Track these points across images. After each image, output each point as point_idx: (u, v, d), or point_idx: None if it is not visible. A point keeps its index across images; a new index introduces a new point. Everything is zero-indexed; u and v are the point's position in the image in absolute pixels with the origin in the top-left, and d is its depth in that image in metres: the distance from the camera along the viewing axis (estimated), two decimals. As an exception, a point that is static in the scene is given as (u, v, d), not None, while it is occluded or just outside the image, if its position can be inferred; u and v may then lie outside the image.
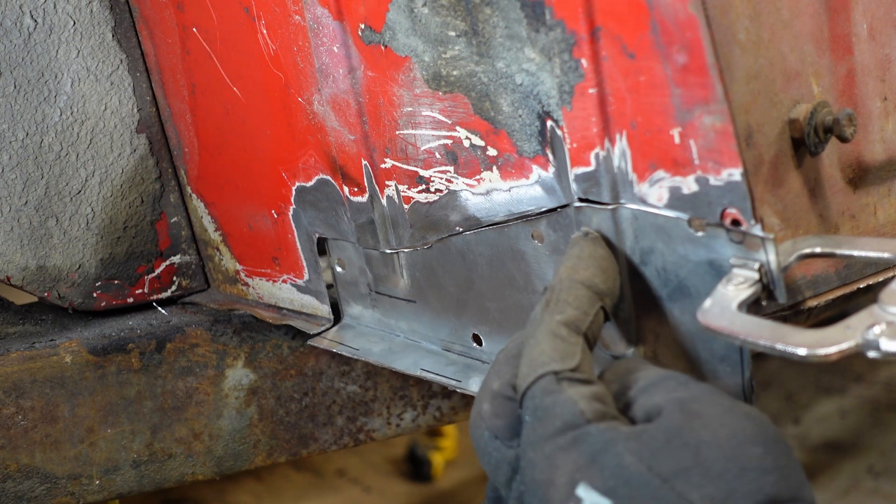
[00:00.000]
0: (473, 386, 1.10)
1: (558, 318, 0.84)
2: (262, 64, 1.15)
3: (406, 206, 1.08)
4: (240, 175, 1.26)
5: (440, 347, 1.14)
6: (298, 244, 1.23)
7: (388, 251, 1.13)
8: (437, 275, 1.09)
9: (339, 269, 1.21)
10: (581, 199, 0.92)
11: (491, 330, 1.08)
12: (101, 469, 1.29)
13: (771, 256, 0.82)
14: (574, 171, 0.92)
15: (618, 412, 0.82)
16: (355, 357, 1.20)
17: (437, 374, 1.13)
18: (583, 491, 0.75)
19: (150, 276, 1.36)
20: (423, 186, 1.06)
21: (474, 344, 1.10)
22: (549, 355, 0.82)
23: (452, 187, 1.03)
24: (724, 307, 0.82)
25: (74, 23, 1.27)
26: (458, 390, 1.10)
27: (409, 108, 1.03)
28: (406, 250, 1.11)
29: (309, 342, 1.26)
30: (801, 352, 0.76)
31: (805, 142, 0.91)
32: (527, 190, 0.97)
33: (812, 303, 0.93)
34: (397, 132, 1.05)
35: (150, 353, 1.30)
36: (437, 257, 1.09)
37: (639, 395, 0.82)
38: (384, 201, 1.10)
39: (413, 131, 1.04)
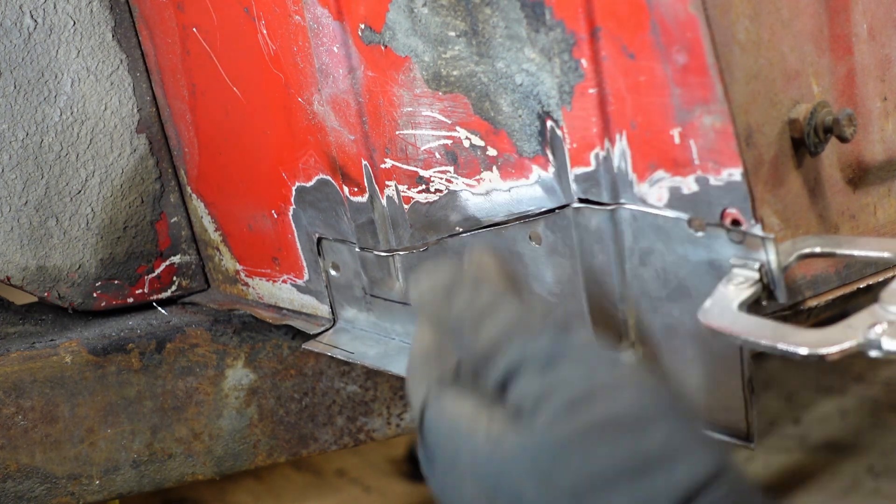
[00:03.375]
0: None
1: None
2: (262, 64, 1.15)
3: (406, 207, 1.08)
4: (240, 175, 1.26)
5: None
6: (298, 244, 1.23)
7: (384, 254, 1.13)
8: None
9: (333, 272, 1.21)
10: (581, 200, 0.92)
11: None
12: (101, 469, 1.29)
13: (771, 256, 0.82)
14: (574, 172, 0.92)
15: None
16: (351, 361, 1.20)
17: None
18: None
19: (150, 276, 1.36)
20: (423, 186, 1.06)
21: None
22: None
23: (452, 187, 1.03)
24: (725, 307, 0.82)
25: (74, 23, 1.27)
26: (457, 391, 1.10)
27: (409, 108, 1.03)
28: (402, 253, 1.11)
29: (304, 346, 1.26)
30: (803, 351, 0.76)
31: (805, 142, 0.91)
32: (527, 190, 0.97)
33: (812, 303, 0.93)
34: (397, 132, 1.05)
35: (150, 353, 1.30)
36: (433, 260, 1.09)
37: (511, 374, 0.73)
38: (384, 201, 1.10)
39: (413, 131, 1.04)
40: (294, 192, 1.19)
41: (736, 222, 0.83)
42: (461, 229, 1.04)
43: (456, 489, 0.73)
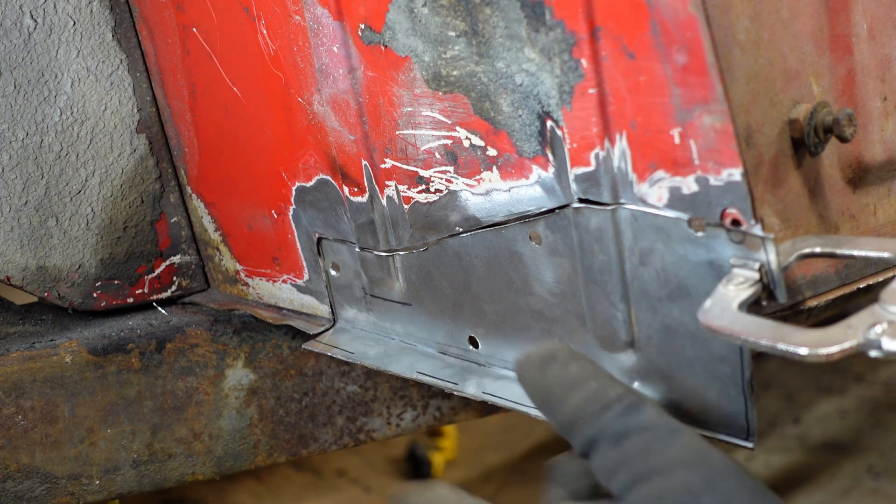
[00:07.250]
0: (470, 389, 1.10)
1: None
2: (262, 64, 1.15)
3: (406, 207, 1.08)
4: (240, 175, 1.26)
5: (436, 350, 1.14)
6: (298, 244, 1.23)
7: (384, 254, 1.13)
8: (433, 277, 1.09)
9: (333, 272, 1.21)
10: (581, 200, 0.92)
11: (488, 332, 1.08)
12: (101, 469, 1.29)
13: (771, 256, 0.82)
14: (574, 172, 0.92)
15: None
16: (351, 361, 1.21)
17: (433, 377, 1.13)
18: None
19: (150, 276, 1.36)
20: (423, 186, 1.06)
21: (471, 346, 1.10)
22: None
23: (452, 187, 1.03)
24: (725, 307, 0.82)
25: (74, 23, 1.27)
26: (455, 393, 1.10)
27: (409, 108, 1.03)
28: (402, 253, 1.11)
29: (304, 346, 1.26)
30: (803, 351, 0.76)
31: (805, 142, 0.91)
32: (526, 190, 0.97)
33: (812, 303, 0.93)
34: (397, 132, 1.05)
35: (150, 353, 1.30)
36: (433, 260, 1.09)
37: (591, 445, 0.85)
38: (384, 201, 1.10)
39: (413, 131, 1.04)
40: (294, 192, 1.20)
41: (736, 222, 0.83)
42: (461, 229, 1.04)
43: None
